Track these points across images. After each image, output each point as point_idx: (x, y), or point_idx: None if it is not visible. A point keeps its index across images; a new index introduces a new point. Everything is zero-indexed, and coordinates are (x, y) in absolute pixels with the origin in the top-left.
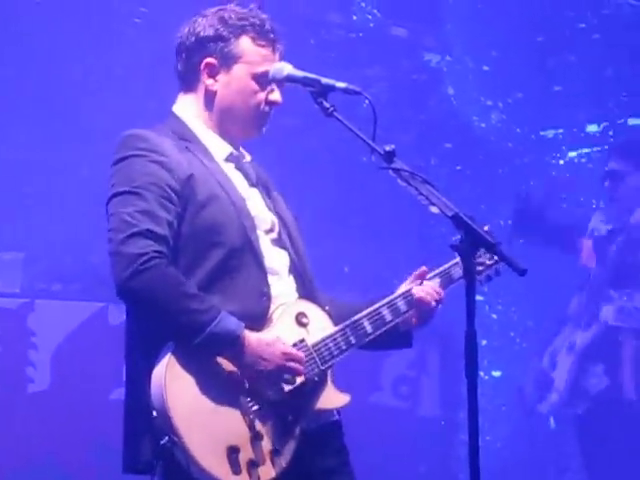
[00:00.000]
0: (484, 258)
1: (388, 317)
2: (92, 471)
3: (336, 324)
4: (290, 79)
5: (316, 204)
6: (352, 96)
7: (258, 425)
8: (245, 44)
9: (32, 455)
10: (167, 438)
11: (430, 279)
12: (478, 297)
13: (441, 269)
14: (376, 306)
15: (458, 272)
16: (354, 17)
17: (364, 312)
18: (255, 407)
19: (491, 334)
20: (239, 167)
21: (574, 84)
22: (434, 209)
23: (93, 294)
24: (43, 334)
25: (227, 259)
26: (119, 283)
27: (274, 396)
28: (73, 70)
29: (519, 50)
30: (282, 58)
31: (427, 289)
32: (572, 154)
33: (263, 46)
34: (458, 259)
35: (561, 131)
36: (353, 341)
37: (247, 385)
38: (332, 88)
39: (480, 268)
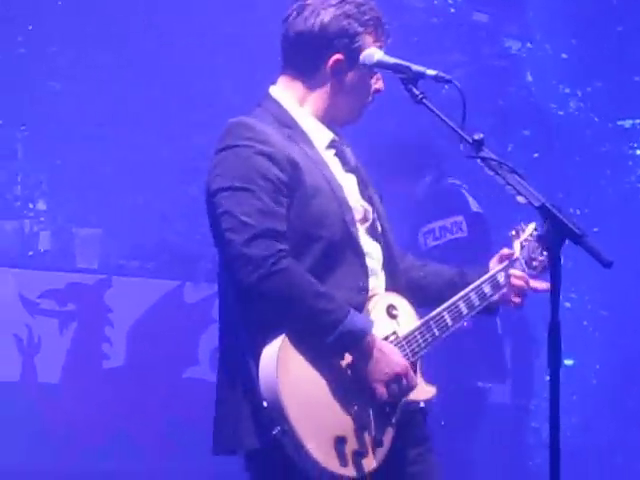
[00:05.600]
0: (537, 254)
1: (464, 310)
2: (164, 446)
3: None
4: (381, 65)
5: None
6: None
7: (362, 416)
8: (367, 41)
9: (105, 430)
10: (279, 428)
11: (481, 286)
12: None
13: (488, 276)
14: (457, 297)
15: (520, 268)
16: (435, 2)
17: (445, 305)
18: (360, 399)
19: (564, 323)
20: (339, 153)
21: None
22: (521, 199)
23: (170, 272)
24: (119, 311)
25: (328, 253)
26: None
27: (381, 395)
28: (153, 51)
29: (599, 39)
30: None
31: (521, 275)
32: None
33: (378, 40)
34: (518, 255)
35: (639, 121)
36: (437, 333)
37: (355, 378)
38: (422, 75)
39: (535, 263)
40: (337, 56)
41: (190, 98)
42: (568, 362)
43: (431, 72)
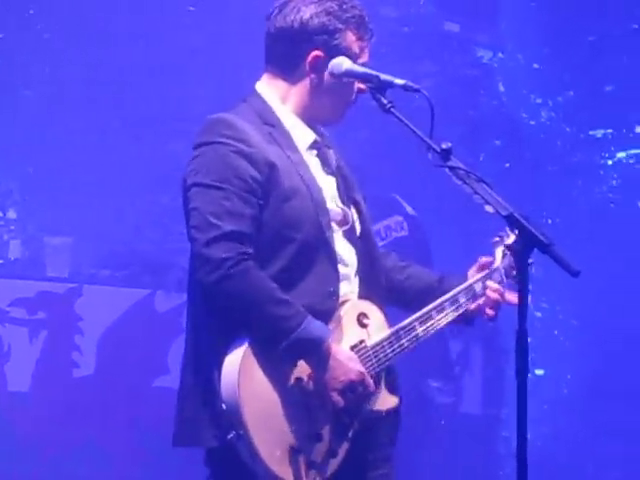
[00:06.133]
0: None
1: (442, 322)
2: (133, 455)
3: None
4: (349, 74)
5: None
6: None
7: (318, 426)
8: (349, 38)
9: (75, 438)
10: (234, 433)
11: (456, 295)
12: None
13: (465, 285)
14: (430, 307)
15: (498, 277)
16: (406, 11)
17: (416, 315)
18: (317, 409)
19: (535, 332)
20: (320, 154)
21: (625, 84)
22: (489, 208)
23: (140, 281)
24: (90, 319)
25: (300, 255)
26: (205, 286)
27: (338, 403)
28: (126, 58)
29: (570, 49)
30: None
31: (497, 287)
32: (621, 155)
33: (362, 38)
34: (498, 264)
35: (610, 131)
36: (405, 344)
37: (314, 388)
38: (391, 84)
39: (515, 272)
40: (316, 52)
41: (163, 106)
42: (539, 372)
43: (399, 81)
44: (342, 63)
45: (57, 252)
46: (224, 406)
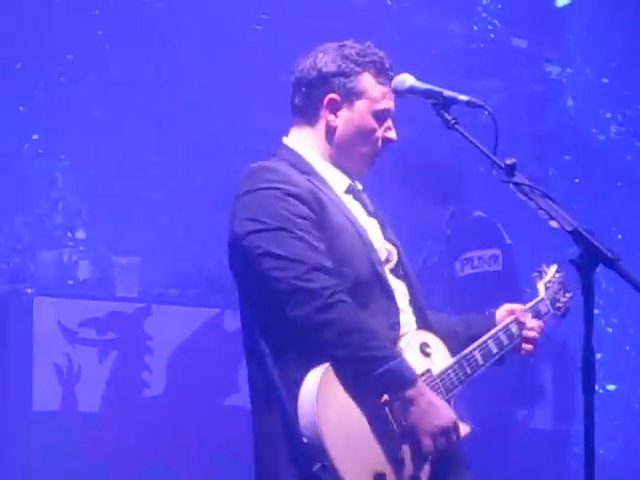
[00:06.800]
0: (560, 295)
1: (494, 349)
2: (204, 475)
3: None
4: (412, 91)
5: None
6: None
7: (400, 451)
8: (367, 81)
9: (145, 458)
10: (319, 464)
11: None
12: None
13: (530, 305)
14: (485, 338)
15: (545, 308)
16: (475, 27)
17: (475, 344)
18: (398, 437)
19: (606, 347)
20: (357, 198)
21: None
22: (554, 223)
23: (209, 300)
24: (159, 339)
25: (356, 291)
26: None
27: (429, 447)
28: (191, 77)
29: (639, 62)
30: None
31: (535, 325)
32: None
33: (383, 83)
34: (543, 295)
35: None
36: (469, 371)
37: (396, 420)
38: (454, 101)
39: (559, 305)
40: (332, 95)
41: (231, 125)
42: (610, 387)
43: (463, 97)
44: (405, 80)
45: (126, 272)
46: (305, 439)
